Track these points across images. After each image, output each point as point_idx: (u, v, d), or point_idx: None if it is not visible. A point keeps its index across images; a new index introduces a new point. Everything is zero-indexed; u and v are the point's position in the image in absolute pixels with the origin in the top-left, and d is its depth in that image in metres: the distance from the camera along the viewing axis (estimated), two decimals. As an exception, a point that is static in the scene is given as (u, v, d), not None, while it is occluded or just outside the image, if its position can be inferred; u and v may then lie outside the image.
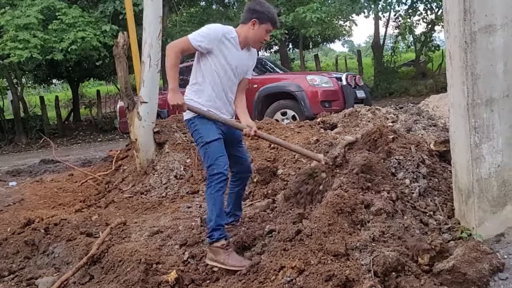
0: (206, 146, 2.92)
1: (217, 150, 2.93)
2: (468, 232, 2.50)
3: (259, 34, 2.96)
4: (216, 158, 2.89)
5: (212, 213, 2.88)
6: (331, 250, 2.41)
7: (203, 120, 2.96)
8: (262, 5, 2.95)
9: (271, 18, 2.94)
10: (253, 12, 2.93)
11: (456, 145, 2.61)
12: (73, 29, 12.81)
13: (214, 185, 2.86)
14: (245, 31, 2.96)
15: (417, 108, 5.76)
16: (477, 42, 2.39)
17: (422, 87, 16.30)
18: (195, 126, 2.99)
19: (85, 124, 18.97)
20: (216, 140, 2.94)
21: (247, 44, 3.01)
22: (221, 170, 2.87)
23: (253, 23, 2.92)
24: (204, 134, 2.94)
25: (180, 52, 2.88)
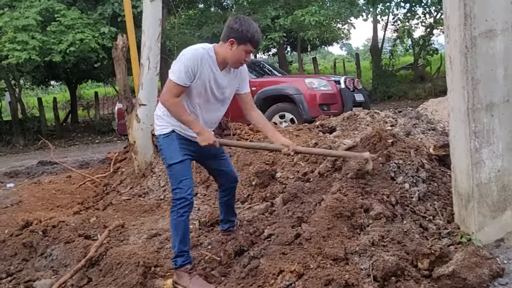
0: (169, 168, 2.83)
1: (179, 173, 2.79)
2: (467, 237, 2.49)
3: (238, 55, 2.71)
4: (179, 181, 2.77)
5: (175, 239, 2.81)
6: (330, 254, 2.40)
7: (168, 140, 2.84)
8: (242, 23, 2.68)
9: (250, 39, 2.68)
10: (231, 31, 2.69)
11: (456, 150, 2.61)
12: (71, 31, 12.80)
13: (177, 211, 2.76)
14: (223, 51, 2.72)
15: (416, 112, 5.76)
16: (478, 47, 2.40)
17: (420, 90, 16.33)
18: (160, 145, 2.91)
19: (83, 126, 18.93)
20: (180, 162, 2.80)
21: (225, 64, 2.78)
22: (184, 195, 2.75)
23: (231, 43, 2.68)
24: (167, 155, 2.83)
25: (177, 97, 2.69)
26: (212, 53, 2.74)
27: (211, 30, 15.98)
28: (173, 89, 2.67)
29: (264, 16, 14.90)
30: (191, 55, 2.68)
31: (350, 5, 15.21)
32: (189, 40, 16.24)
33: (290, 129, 5.88)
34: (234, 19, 2.73)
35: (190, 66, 2.65)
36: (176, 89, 2.67)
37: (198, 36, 16.16)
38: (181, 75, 2.65)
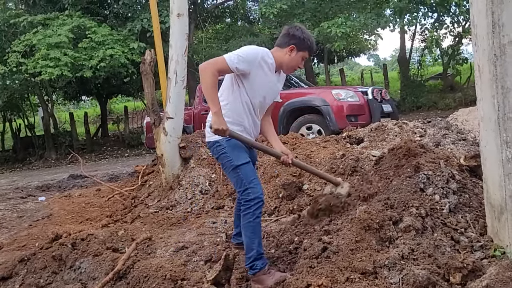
0: (237, 170, 2.78)
1: (249, 173, 2.80)
2: (501, 251, 2.40)
3: (295, 61, 2.87)
4: (250, 181, 2.76)
5: (252, 242, 2.74)
6: (358, 268, 2.35)
7: (232, 142, 2.81)
8: (303, 31, 2.85)
9: (309, 46, 2.87)
10: (292, 38, 2.82)
11: (487, 160, 2.53)
12: (102, 47, 13.19)
13: (253, 212, 2.72)
14: (281, 56, 2.85)
15: (445, 122, 5.64)
16: (507, 55, 2.33)
17: (450, 100, 16.01)
18: (222, 148, 2.83)
19: (112, 140, 19.37)
20: (247, 163, 2.82)
21: (280, 68, 2.91)
22: (257, 194, 2.74)
23: (291, 49, 2.83)
24: (233, 157, 2.79)
25: (216, 72, 2.67)
26: (272, 58, 2.83)
27: (238, 44, 16.14)
28: (219, 63, 2.67)
29: (290, 28, 14.95)
30: (254, 50, 2.77)
31: (376, 16, 15.11)
32: (216, 54, 16.46)
33: (317, 140, 5.85)
34: (295, 27, 2.86)
35: (248, 56, 2.71)
36: (221, 65, 2.67)
37: (225, 50, 16.36)
38: (234, 58, 2.68)
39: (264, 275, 2.72)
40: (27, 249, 4.10)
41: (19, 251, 4.08)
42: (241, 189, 2.78)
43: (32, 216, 5.53)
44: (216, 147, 2.86)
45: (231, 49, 13.33)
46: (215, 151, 2.90)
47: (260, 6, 15.47)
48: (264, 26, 18.43)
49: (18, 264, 3.62)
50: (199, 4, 17.69)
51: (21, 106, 18.02)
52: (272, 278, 2.69)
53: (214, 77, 2.66)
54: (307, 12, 15.47)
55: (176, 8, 5.21)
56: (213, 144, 2.88)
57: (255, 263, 2.74)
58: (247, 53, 2.73)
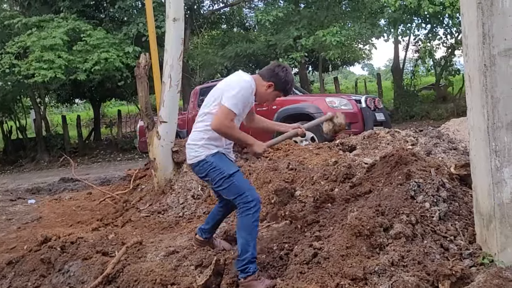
0: (231, 178, 2.86)
1: (243, 179, 2.95)
2: (490, 258, 2.42)
3: (268, 97, 3.05)
4: (246, 186, 2.89)
5: (248, 244, 2.78)
6: (349, 274, 2.36)
7: (218, 156, 2.93)
8: (287, 74, 3.00)
9: (286, 90, 3.04)
10: (275, 76, 2.98)
11: (476, 169, 2.56)
12: (97, 50, 13.18)
13: (253, 214, 2.79)
14: (260, 86, 3.00)
15: (437, 131, 5.69)
16: (497, 66, 2.36)
17: (443, 110, 16.14)
18: (210, 164, 2.91)
19: (105, 143, 19.28)
20: (238, 170, 2.94)
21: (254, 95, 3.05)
22: (256, 196, 2.85)
23: (269, 86, 2.98)
24: (224, 168, 2.89)
25: (230, 122, 2.83)
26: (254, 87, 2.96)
27: (234, 50, 16.21)
28: (229, 116, 2.81)
29: (286, 36, 15.05)
30: (248, 88, 2.90)
31: (371, 26, 15.26)
32: (212, 60, 16.52)
33: (310, 147, 5.87)
34: (282, 67, 3.02)
35: (246, 98, 2.89)
36: (231, 116, 2.82)
37: (221, 56, 16.41)
38: (238, 105, 2.83)
39: (254, 280, 2.74)
40: (15, 251, 4.07)
41: (7, 253, 4.04)
42: (237, 194, 2.84)
43: (21, 218, 5.49)
44: (203, 165, 2.94)
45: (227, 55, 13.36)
46: (201, 169, 2.96)
47: (256, 13, 15.57)
48: (260, 33, 18.52)
49: (6, 266, 3.60)
50: (195, 10, 17.73)
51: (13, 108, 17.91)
52: (262, 284, 2.70)
53: (233, 127, 2.86)
54: (303, 20, 15.59)
55: (172, 13, 5.23)
56: (198, 163, 2.95)
57: (248, 266, 2.75)
58: (246, 94, 2.88)
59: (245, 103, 2.91)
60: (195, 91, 10.07)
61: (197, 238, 3.47)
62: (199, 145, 2.96)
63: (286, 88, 3.02)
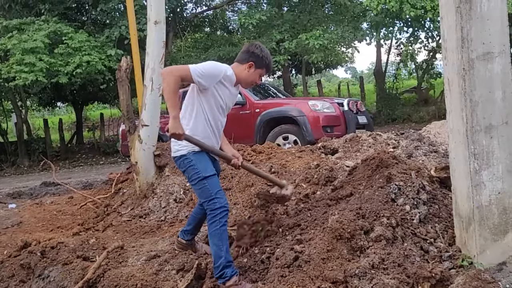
0: (204, 181, 2.89)
1: (215, 184, 2.92)
2: (469, 261, 2.45)
3: (253, 77, 3.03)
4: (216, 192, 2.87)
5: (220, 249, 2.81)
6: (329, 277, 2.37)
7: (199, 155, 2.94)
8: (262, 50, 3.00)
9: (267, 65, 3.03)
10: (251, 55, 2.98)
11: (456, 172, 2.59)
12: (78, 53, 13.02)
13: (219, 220, 2.82)
14: (240, 71, 2.99)
15: (418, 134, 5.76)
16: (475, 70, 2.40)
17: (424, 113, 16.37)
18: (190, 162, 2.93)
19: (88, 147, 19.04)
20: (214, 174, 2.94)
21: (238, 83, 3.06)
22: (223, 203, 2.86)
23: (249, 66, 2.97)
24: (201, 169, 2.90)
25: (179, 78, 2.79)
26: (232, 74, 2.96)
27: (217, 53, 16.19)
28: (183, 71, 2.78)
29: (269, 39, 15.10)
30: (217, 67, 2.90)
31: (353, 29, 15.42)
32: (195, 63, 16.43)
33: (293, 150, 5.88)
34: (255, 45, 3.01)
35: (211, 73, 2.84)
36: (185, 73, 2.77)
37: (204, 59, 16.36)
38: (198, 71, 2.78)
39: (234, 285, 2.74)
40: (-6, 257, 3.97)
41: (-14, 259, 3.94)
42: (207, 199, 2.88)
43: (1, 223, 5.36)
44: (183, 161, 2.96)
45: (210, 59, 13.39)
46: (182, 164, 2.99)
47: (240, 17, 15.59)
48: (243, 36, 18.55)
49: (-16, 273, 3.51)
50: (178, 13, 17.68)
51: (-6, 111, 17.58)
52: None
53: (177, 83, 2.78)
54: (286, 23, 15.67)
55: (153, 15, 5.19)
56: (180, 158, 2.98)
57: (224, 271, 2.77)
58: (211, 70, 2.86)
59: (210, 77, 2.83)
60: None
61: (180, 241, 3.46)
62: None
63: (266, 63, 3.01)
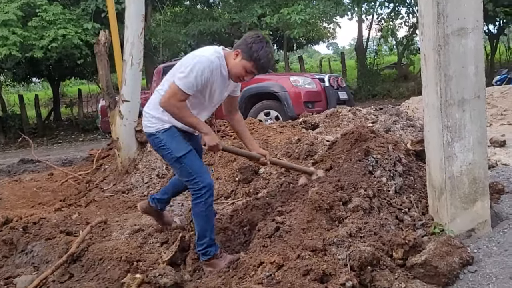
0: (179, 161, 2.72)
1: (194, 162, 2.73)
2: (440, 228, 2.57)
3: (238, 68, 2.66)
4: (196, 170, 2.70)
5: (205, 230, 2.74)
6: (309, 246, 2.46)
7: (170, 133, 2.75)
8: (256, 41, 2.63)
9: (256, 59, 2.61)
10: (243, 42, 2.66)
11: (430, 144, 2.69)
12: (53, 26, 12.68)
13: (205, 201, 2.68)
14: (229, 59, 2.69)
15: (396, 109, 5.88)
16: (450, 45, 2.47)
17: (404, 89, 16.59)
18: (160, 141, 2.76)
19: (66, 124, 18.76)
20: (189, 152, 2.74)
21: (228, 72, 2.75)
22: (207, 181, 2.69)
23: (236, 53, 2.66)
24: (173, 148, 2.73)
25: (180, 102, 2.60)
26: (224, 60, 2.69)
27: (197, 28, 15.97)
28: (178, 95, 2.59)
29: (250, 14, 14.96)
30: (205, 63, 2.60)
31: (335, 4, 15.37)
32: (175, 37, 16.21)
33: (274, 126, 5.94)
34: (253, 35, 2.68)
35: (201, 78, 2.59)
36: (181, 96, 2.59)
37: (184, 34, 16.13)
38: (190, 85, 2.58)
39: (216, 259, 2.77)
40: (-25, 234, 3.96)
41: (-33, 236, 3.93)
42: (188, 179, 2.72)
43: (-21, 201, 5.32)
44: (154, 140, 2.81)
45: (190, 33, 13.08)
46: (153, 143, 2.85)
47: (220, -10, 15.36)
48: (223, 11, 18.31)
49: (-34, 248, 3.52)
50: (157, -15, 17.28)
51: (-33, 87, 17.11)
52: (224, 261, 2.75)
53: (183, 106, 2.62)
54: (267, -3, 15.51)
55: (132, -12, 5.11)
56: (150, 136, 2.82)
57: (208, 249, 2.76)
58: (203, 70, 2.59)
59: (202, 81, 2.60)
60: (158, 69, 9.91)
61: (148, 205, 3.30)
62: (152, 115, 2.79)
63: (255, 56, 2.59)
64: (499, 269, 2.25)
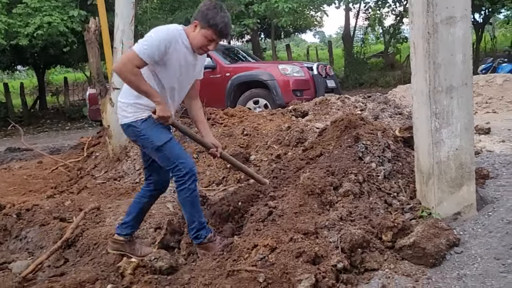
0: (161, 149, 2.66)
1: (175, 149, 2.68)
2: (428, 212, 2.67)
3: (198, 39, 2.61)
4: (177, 157, 2.65)
5: (193, 215, 2.75)
6: (301, 229, 2.53)
7: (148, 123, 2.66)
8: (211, 7, 2.59)
9: (213, 25, 2.57)
10: (198, 13, 2.61)
11: (418, 130, 2.77)
12: (39, 13, 12.45)
13: (188, 187, 2.66)
14: (189, 32, 2.64)
15: (384, 97, 5.97)
16: (439, 33, 2.54)
17: (390, 78, 16.73)
18: (139, 131, 2.68)
19: (52, 112, 18.56)
20: (170, 140, 2.69)
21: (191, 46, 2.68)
22: (189, 167, 2.65)
23: (195, 25, 2.61)
24: (154, 137, 2.66)
25: (136, 68, 2.53)
26: (184, 34, 2.65)
27: (184, 16, 15.82)
28: (135, 60, 2.52)
29: (237, 2, 14.87)
30: (164, 34, 2.56)
31: (322, -8, 15.38)
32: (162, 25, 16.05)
33: (264, 113, 5.99)
34: (207, 3, 2.62)
35: (159, 43, 2.53)
36: (138, 61, 2.52)
37: (171, 22, 15.97)
38: (147, 51, 2.51)
39: (210, 242, 2.78)
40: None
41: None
42: (171, 167, 2.67)
43: (-31, 189, 5.30)
44: (132, 130, 2.71)
45: (177, 21, 12.98)
46: (131, 133, 2.75)
47: (208, -22, 15.20)
48: (211, -1, 18.12)
49: (-41, 235, 3.53)
50: (144, -28, 17.05)
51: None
52: (218, 244, 2.77)
53: (136, 74, 2.54)
54: (255, -15, 15.42)
55: (121, -25, 5.08)
56: (128, 126, 2.72)
57: (199, 233, 2.78)
58: (157, 40, 2.54)
59: (160, 50, 2.53)
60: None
61: (115, 239, 2.97)
62: (127, 103, 2.70)
63: (211, 23, 2.55)
64: (484, 250, 2.35)
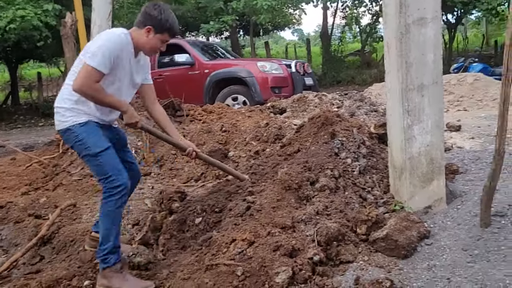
0: (97, 157, 2.54)
1: (111, 159, 2.56)
2: (400, 205, 2.76)
3: (153, 43, 2.61)
4: (113, 167, 2.53)
5: (110, 233, 2.54)
6: (279, 223, 2.59)
7: (86, 127, 2.57)
8: (162, 11, 2.57)
9: (169, 28, 2.60)
10: (149, 18, 2.57)
11: (392, 127, 2.86)
12: (11, 6, 12.15)
13: (116, 200, 2.51)
14: (139, 37, 2.60)
15: (360, 95, 6.08)
16: (411, 34, 2.63)
17: (367, 76, 16.99)
18: (76, 136, 2.56)
19: (25, 108, 18.12)
20: (108, 148, 2.57)
21: (140, 50, 2.66)
22: (123, 180, 2.53)
23: (147, 31, 2.57)
24: (91, 143, 2.54)
25: (96, 83, 2.46)
26: (130, 40, 2.59)
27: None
28: (93, 76, 2.44)
29: (216, -2, 14.86)
30: (114, 41, 2.51)
31: (301, -10, 15.48)
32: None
33: (243, 110, 6.03)
34: (153, 6, 2.59)
35: (113, 53, 2.48)
36: (96, 76, 2.45)
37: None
38: (103, 61, 2.45)
39: (115, 273, 2.55)
40: None
41: None
42: (103, 177, 2.54)
43: None
44: (69, 135, 2.60)
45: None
46: (68, 139, 2.63)
47: (186, -27, 15.14)
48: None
49: None
50: (120, -34, 16.83)
51: None
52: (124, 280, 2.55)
53: (98, 89, 2.48)
54: (233, -18, 15.40)
55: (98, -30, 5.03)
56: (65, 131, 2.61)
57: (108, 256, 2.55)
58: (109, 50, 2.47)
59: (113, 59, 2.48)
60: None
61: (92, 236, 2.91)
62: (65, 108, 2.59)
63: (168, 27, 2.58)
64: (453, 241, 2.45)
